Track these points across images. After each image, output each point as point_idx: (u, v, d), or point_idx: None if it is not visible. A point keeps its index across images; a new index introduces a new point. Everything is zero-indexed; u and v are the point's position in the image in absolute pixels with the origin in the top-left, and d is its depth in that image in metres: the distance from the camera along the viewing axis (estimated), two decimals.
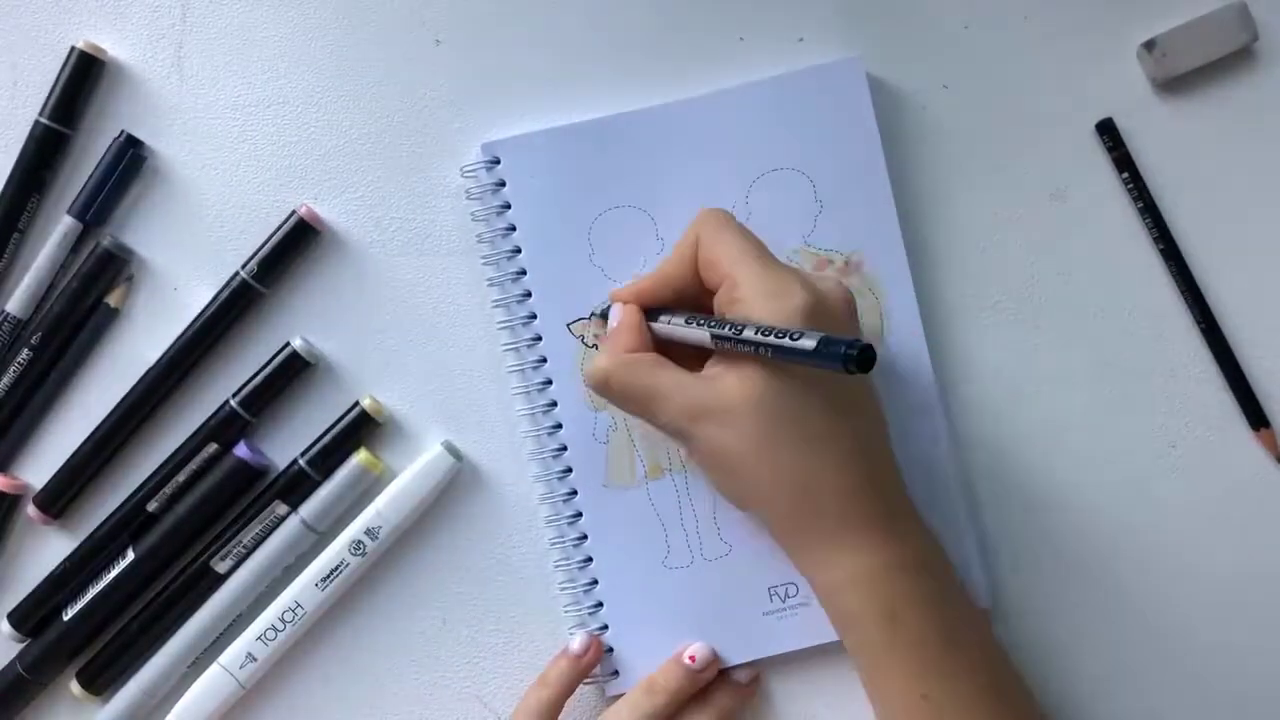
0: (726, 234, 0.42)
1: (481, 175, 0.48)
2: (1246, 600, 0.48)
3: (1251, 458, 0.49)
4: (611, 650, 0.48)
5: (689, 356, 0.42)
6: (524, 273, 0.48)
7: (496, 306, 0.49)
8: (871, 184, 0.48)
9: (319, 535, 0.49)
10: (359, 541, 0.48)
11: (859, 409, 0.42)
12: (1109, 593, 0.48)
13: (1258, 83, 0.49)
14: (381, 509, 0.48)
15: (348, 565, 0.48)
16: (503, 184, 0.48)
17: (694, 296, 0.43)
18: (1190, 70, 0.49)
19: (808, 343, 0.37)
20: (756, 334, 0.39)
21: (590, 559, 0.48)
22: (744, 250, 0.41)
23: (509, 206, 0.48)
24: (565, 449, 0.48)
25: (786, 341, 0.37)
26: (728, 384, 0.40)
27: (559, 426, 0.48)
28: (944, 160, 0.49)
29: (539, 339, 0.48)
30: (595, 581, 0.48)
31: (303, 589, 0.48)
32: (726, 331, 0.40)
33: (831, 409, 0.40)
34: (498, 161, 0.48)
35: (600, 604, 0.48)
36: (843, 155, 0.48)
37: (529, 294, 0.48)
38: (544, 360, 0.48)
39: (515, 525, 0.49)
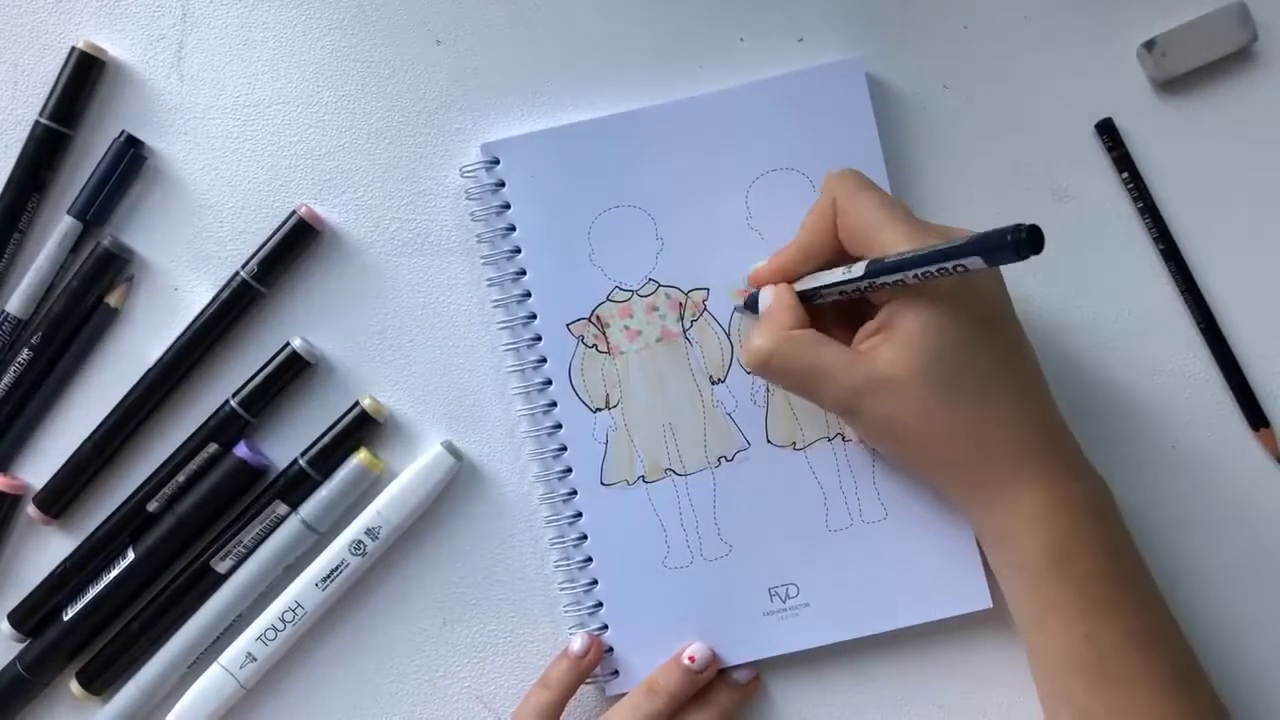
0: (866, 197, 0.42)
1: (481, 175, 0.48)
2: (1246, 600, 0.48)
3: (1251, 458, 0.49)
4: (611, 650, 0.48)
5: (839, 329, 0.43)
6: (523, 273, 0.48)
7: (496, 306, 0.49)
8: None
9: (319, 535, 0.49)
10: (359, 541, 0.48)
11: (1019, 353, 0.42)
12: None
13: (1258, 83, 0.49)
14: (381, 509, 0.48)
15: (348, 565, 0.48)
16: (502, 184, 0.48)
17: (835, 265, 0.43)
18: (1190, 70, 0.49)
19: (970, 245, 0.35)
20: (916, 255, 0.38)
21: (590, 559, 0.48)
22: (889, 213, 0.41)
23: (508, 206, 0.48)
24: (565, 449, 0.48)
25: (949, 246, 0.36)
26: (887, 356, 0.40)
27: (559, 426, 0.48)
28: (944, 160, 0.49)
29: (539, 339, 0.48)
30: (595, 581, 0.48)
31: (303, 589, 0.48)
32: (887, 263, 0.39)
33: (993, 358, 0.41)
34: (497, 162, 0.48)
35: (600, 604, 0.48)
36: (842, 155, 0.48)
37: (529, 294, 0.48)
38: (543, 360, 0.48)
39: (515, 525, 0.49)
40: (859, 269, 0.40)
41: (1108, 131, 0.49)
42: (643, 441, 0.48)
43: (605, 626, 0.48)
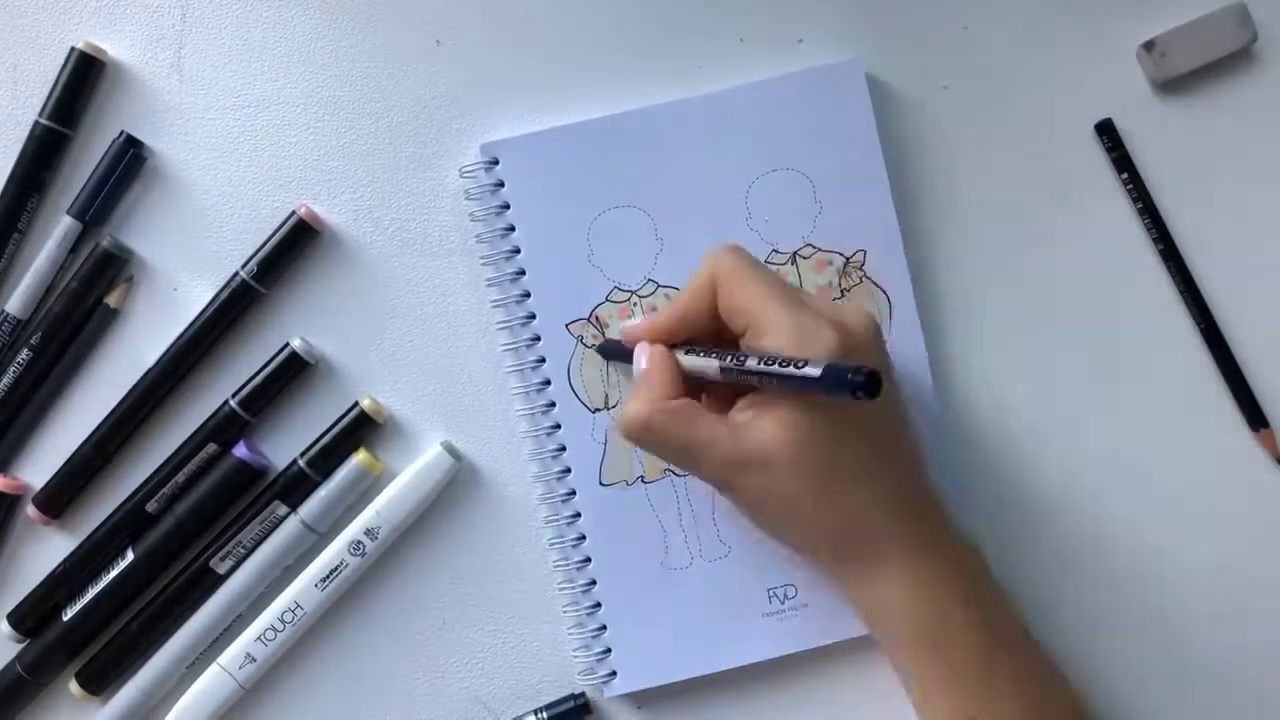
0: (744, 276, 0.41)
1: (480, 175, 0.48)
2: (1246, 601, 0.48)
3: (1251, 458, 0.49)
4: (610, 651, 0.48)
5: (717, 395, 0.42)
6: (523, 273, 0.48)
7: (496, 306, 0.49)
8: (871, 184, 0.48)
9: (318, 535, 0.49)
10: (358, 542, 0.48)
11: (896, 434, 0.42)
12: (1108, 593, 0.48)
13: (1258, 83, 0.49)
14: (381, 509, 0.48)
15: (347, 565, 0.48)
16: (501, 184, 0.48)
17: (712, 334, 0.43)
18: (1190, 70, 0.49)
19: (813, 370, 0.36)
20: (761, 364, 0.38)
21: (589, 559, 0.48)
22: (766, 293, 0.40)
23: (508, 207, 0.48)
24: (564, 449, 0.48)
25: (792, 370, 0.37)
26: (763, 432, 0.39)
27: (557, 426, 0.48)
28: (944, 160, 0.49)
29: (538, 339, 0.48)
30: (594, 582, 0.48)
31: (302, 589, 0.48)
32: (731, 363, 0.39)
33: (868, 443, 0.40)
34: (496, 162, 0.48)
35: (599, 604, 0.48)
36: (842, 155, 0.48)
37: (528, 294, 0.48)
38: (543, 360, 0.48)
39: (515, 525, 0.49)
40: (714, 367, 0.40)
41: (1107, 132, 0.49)
42: None
43: (604, 627, 0.48)
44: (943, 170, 0.49)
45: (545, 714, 0.48)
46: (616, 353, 0.46)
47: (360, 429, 0.49)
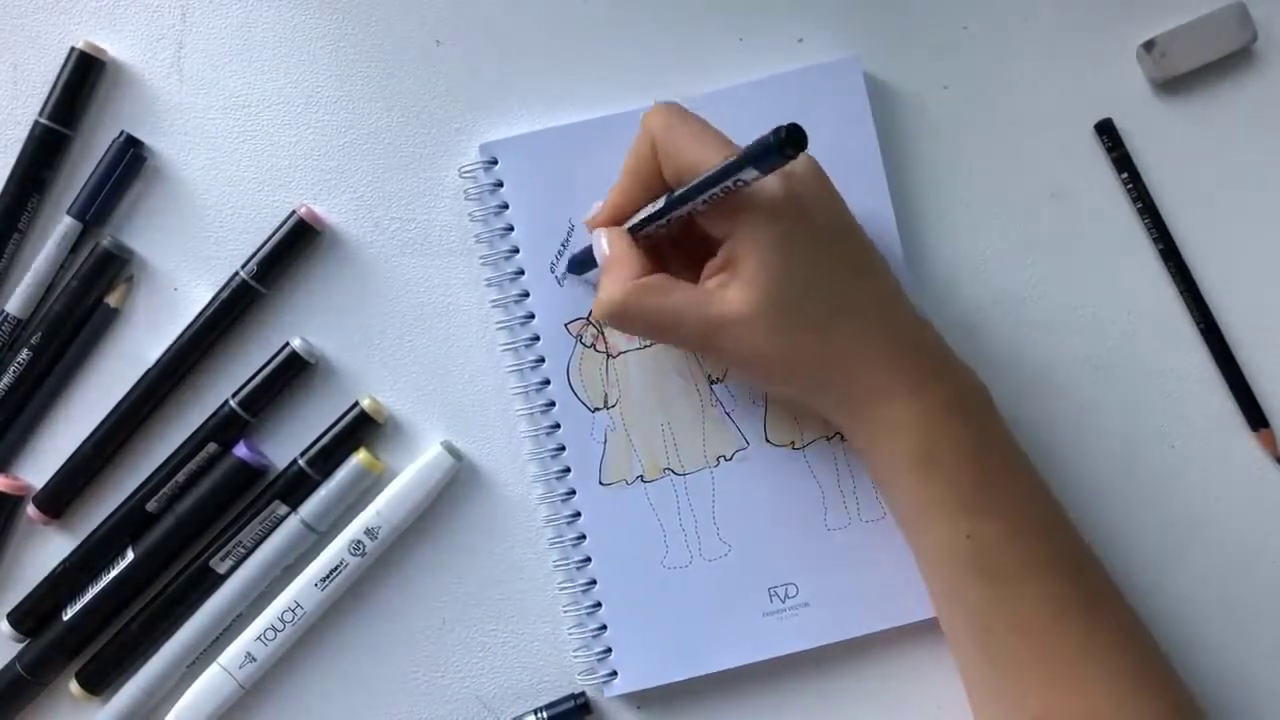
0: (682, 131, 0.41)
1: (479, 175, 0.48)
2: (1246, 601, 0.48)
3: (1251, 458, 0.49)
4: (610, 651, 0.48)
5: (685, 266, 0.43)
6: (522, 272, 0.48)
7: (495, 306, 0.49)
8: (868, 185, 0.48)
9: (319, 535, 0.49)
10: (359, 541, 0.48)
11: (866, 268, 0.42)
12: None
13: (1258, 83, 0.49)
14: (381, 509, 0.48)
15: (347, 565, 0.48)
16: (500, 184, 0.48)
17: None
18: (1190, 70, 0.49)
19: (741, 160, 0.36)
20: (696, 183, 0.39)
21: (589, 559, 0.48)
22: (707, 144, 0.41)
23: (506, 206, 0.48)
24: (563, 449, 0.48)
25: (723, 168, 0.37)
26: (732, 294, 0.40)
27: (557, 426, 0.48)
28: (943, 160, 0.49)
29: (537, 339, 0.48)
30: (594, 581, 0.48)
31: (302, 589, 0.48)
32: (676, 195, 0.40)
33: (840, 280, 0.41)
34: (495, 162, 0.48)
35: (599, 604, 0.48)
36: (840, 155, 0.48)
37: (527, 294, 0.48)
38: (542, 360, 0.48)
39: (515, 525, 0.49)
40: (660, 203, 0.41)
41: (1107, 132, 0.49)
42: (641, 441, 0.48)
43: (604, 627, 0.48)
44: (942, 170, 0.49)
45: (545, 714, 0.48)
46: (587, 261, 0.46)
47: (360, 429, 0.49)
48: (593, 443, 0.48)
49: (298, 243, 0.48)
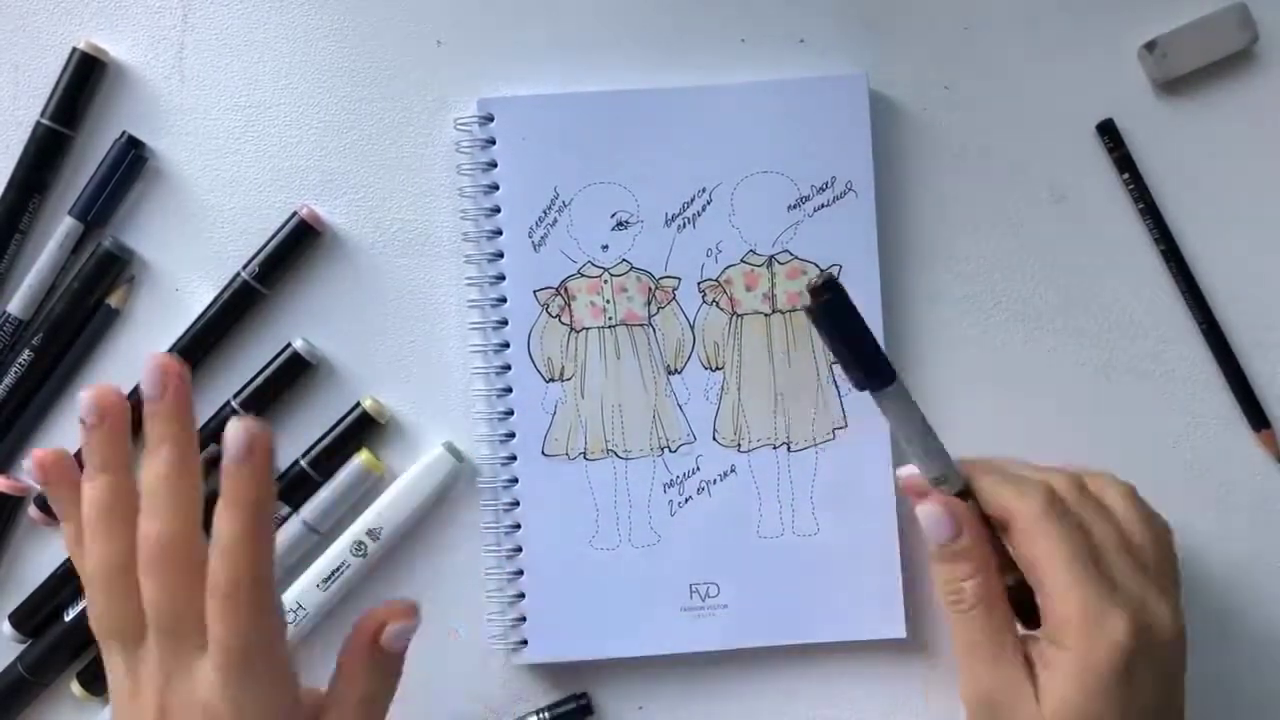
0: (1046, 530, 0.39)
1: (474, 129, 0.48)
2: (1247, 601, 0.48)
3: (1252, 458, 0.49)
4: (524, 619, 0.48)
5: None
6: (499, 232, 0.48)
7: (468, 263, 0.48)
8: (857, 200, 0.48)
9: (320, 536, 0.49)
10: (360, 542, 0.48)
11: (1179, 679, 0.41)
12: None
13: (1258, 83, 0.49)
14: (383, 510, 0.48)
15: (349, 566, 0.48)
16: (493, 141, 0.48)
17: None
18: (1191, 71, 0.49)
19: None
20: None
21: (518, 525, 0.48)
22: (1068, 555, 0.38)
23: (495, 165, 0.48)
24: (511, 413, 0.48)
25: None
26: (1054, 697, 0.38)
27: (509, 390, 0.48)
28: (944, 161, 0.49)
29: (503, 300, 0.48)
30: (519, 549, 0.48)
31: (304, 590, 0.48)
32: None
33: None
34: (491, 119, 0.48)
35: (520, 571, 0.48)
36: (834, 169, 0.48)
37: (501, 254, 0.48)
38: (504, 322, 0.48)
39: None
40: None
41: (1108, 132, 0.49)
42: (590, 418, 0.48)
43: (522, 595, 0.48)
44: (943, 171, 0.49)
45: (547, 714, 0.48)
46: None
47: (362, 429, 0.49)
48: (542, 412, 0.48)
49: (299, 243, 0.48)
